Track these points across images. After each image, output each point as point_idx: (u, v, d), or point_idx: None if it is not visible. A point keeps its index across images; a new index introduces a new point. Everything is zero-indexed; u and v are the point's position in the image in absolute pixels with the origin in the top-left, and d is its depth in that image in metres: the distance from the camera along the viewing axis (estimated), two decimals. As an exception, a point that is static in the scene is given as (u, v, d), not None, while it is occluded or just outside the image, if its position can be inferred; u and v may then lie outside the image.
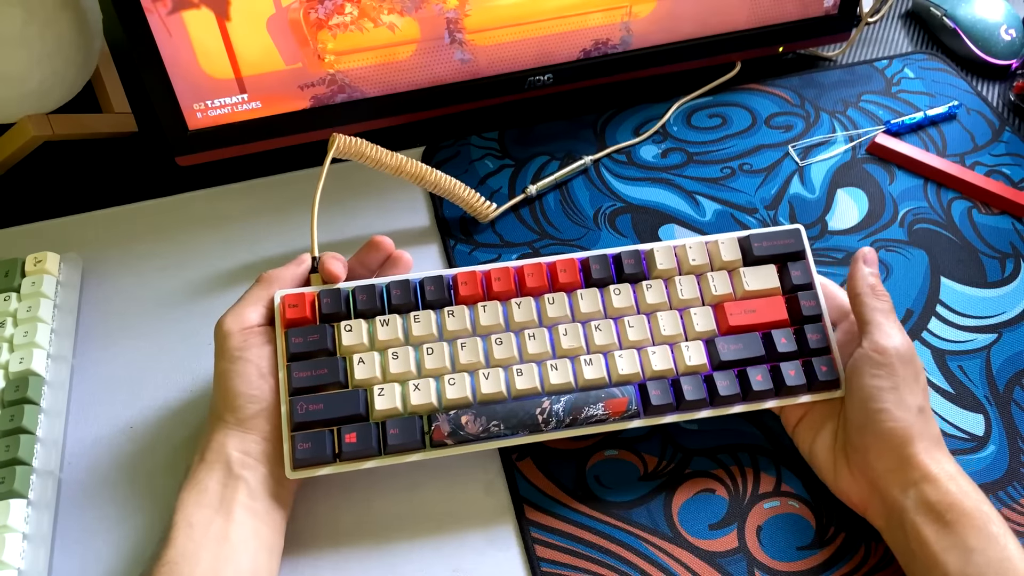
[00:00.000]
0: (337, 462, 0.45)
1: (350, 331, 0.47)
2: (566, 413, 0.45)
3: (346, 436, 0.44)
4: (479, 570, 0.46)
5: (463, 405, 0.46)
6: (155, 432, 0.51)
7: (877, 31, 0.74)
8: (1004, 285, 0.56)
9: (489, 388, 0.46)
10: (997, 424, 0.50)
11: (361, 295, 0.48)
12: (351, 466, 0.45)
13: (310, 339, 0.46)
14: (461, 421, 0.45)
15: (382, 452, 0.45)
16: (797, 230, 0.51)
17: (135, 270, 0.59)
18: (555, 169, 0.63)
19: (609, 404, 0.46)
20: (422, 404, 0.45)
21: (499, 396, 0.46)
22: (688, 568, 0.45)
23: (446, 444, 0.45)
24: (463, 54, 0.60)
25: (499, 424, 0.45)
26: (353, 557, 0.46)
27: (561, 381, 0.46)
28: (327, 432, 0.45)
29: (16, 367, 0.50)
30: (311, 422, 0.45)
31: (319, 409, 0.45)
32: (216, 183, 0.63)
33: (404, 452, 0.45)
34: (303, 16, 0.55)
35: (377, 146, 0.54)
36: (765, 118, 0.66)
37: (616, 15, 0.61)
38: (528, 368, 0.47)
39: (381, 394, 0.45)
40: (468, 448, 0.45)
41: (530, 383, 0.46)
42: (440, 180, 0.57)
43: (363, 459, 0.45)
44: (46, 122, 0.59)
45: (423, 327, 0.47)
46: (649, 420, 0.47)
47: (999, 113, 0.66)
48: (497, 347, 0.47)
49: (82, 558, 0.46)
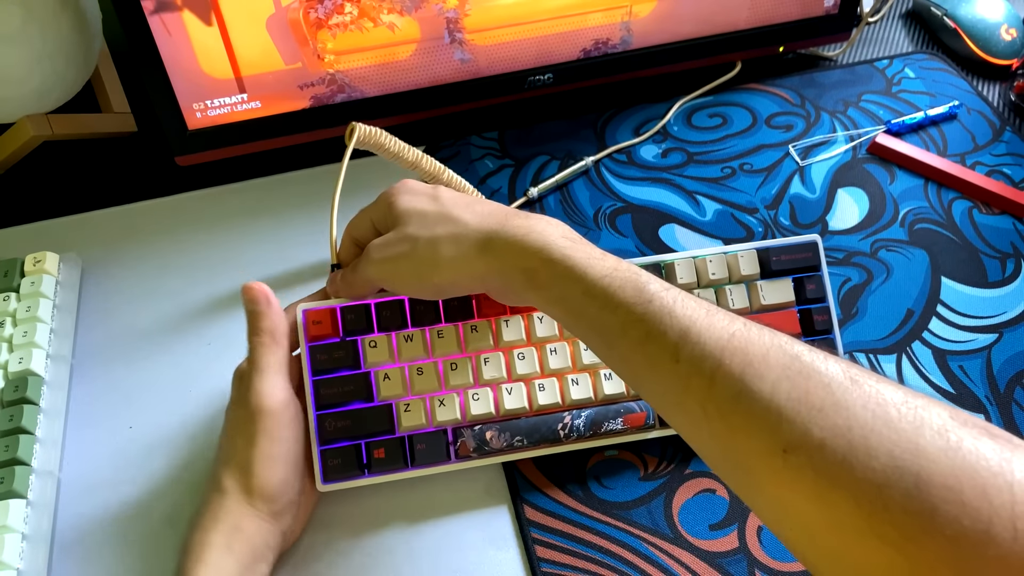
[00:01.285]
0: (367, 476, 0.46)
1: (375, 347, 0.47)
2: (587, 428, 0.46)
3: (375, 452, 0.46)
4: (479, 570, 0.45)
5: (487, 420, 0.47)
6: (154, 432, 0.51)
7: (877, 31, 0.74)
8: (1005, 285, 0.56)
9: (512, 404, 0.47)
10: (997, 424, 0.50)
11: (385, 311, 0.48)
12: (381, 479, 0.46)
13: (335, 355, 0.47)
14: (486, 436, 0.46)
15: (410, 466, 0.46)
16: (815, 243, 0.51)
17: (135, 270, 0.59)
18: (555, 169, 0.63)
19: (628, 419, 0.47)
20: (448, 419, 0.46)
21: (522, 411, 0.47)
22: (688, 568, 0.45)
23: (471, 457, 0.46)
24: (463, 54, 0.60)
25: (522, 439, 0.46)
26: (353, 557, 0.46)
27: (582, 396, 0.47)
28: (355, 447, 0.46)
29: (15, 367, 0.50)
30: (339, 438, 0.46)
31: (347, 426, 0.46)
32: (216, 183, 0.63)
33: (431, 465, 0.46)
34: (303, 16, 0.55)
35: (396, 139, 0.53)
36: (765, 118, 0.66)
37: (616, 15, 0.61)
38: (550, 383, 0.47)
39: (408, 410, 0.46)
40: (491, 460, 0.47)
41: (552, 398, 0.47)
42: (452, 180, 0.56)
43: (392, 472, 0.46)
44: (46, 122, 0.59)
45: (447, 342, 0.48)
46: (665, 430, 0.48)
47: (1000, 113, 0.66)
48: (520, 362, 0.48)
49: (82, 558, 0.46)
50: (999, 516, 0.27)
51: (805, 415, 0.30)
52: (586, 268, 0.38)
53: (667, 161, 0.64)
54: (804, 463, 0.30)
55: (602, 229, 0.60)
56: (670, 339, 0.35)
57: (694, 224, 0.60)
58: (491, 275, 0.41)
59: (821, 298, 0.50)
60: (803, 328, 0.50)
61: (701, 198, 0.61)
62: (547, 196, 0.62)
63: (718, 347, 0.33)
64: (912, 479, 0.28)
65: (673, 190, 0.62)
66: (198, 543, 0.40)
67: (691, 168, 0.63)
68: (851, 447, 0.29)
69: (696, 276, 0.50)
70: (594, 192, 0.62)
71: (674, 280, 0.49)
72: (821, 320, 0.49)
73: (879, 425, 0.29)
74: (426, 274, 0.43)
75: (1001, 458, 0.28)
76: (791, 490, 0.31)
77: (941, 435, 0.29)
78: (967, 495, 0.27)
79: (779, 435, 0.31)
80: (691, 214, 0.60)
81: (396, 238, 0.44)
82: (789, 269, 0.50)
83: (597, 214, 0.61)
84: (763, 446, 0.31)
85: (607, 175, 0.63)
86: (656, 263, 0.50)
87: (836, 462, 0.29)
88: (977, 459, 0.28)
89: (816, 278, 0.50)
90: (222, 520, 0.41)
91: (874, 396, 0.30)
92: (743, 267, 0.50)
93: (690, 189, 0.62)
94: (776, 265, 0.50)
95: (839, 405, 0.30)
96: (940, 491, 0.27)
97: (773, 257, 0.50)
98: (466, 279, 0.42)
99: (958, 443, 0.28)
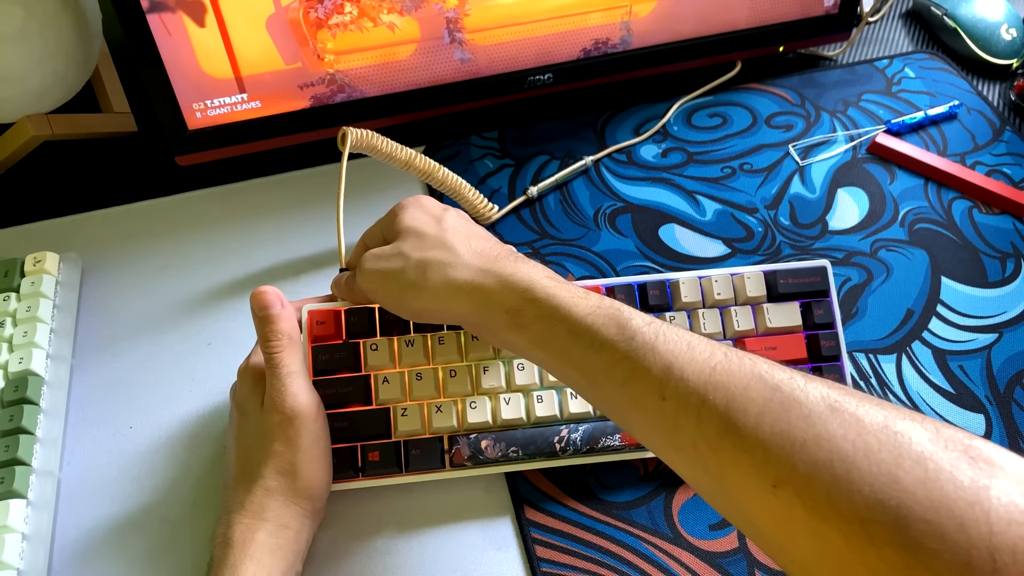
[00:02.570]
0: (360, 478, 0.46)
1: (376, 350, 0.47)
2: (584, 442, 0.46)
3: (370, 454, 0.46)
4: (479, 570, 0.45)
5: (483, 429, 0.47)
6: (155, 432, 0.51)
7: (877, 31, 0.74)
8: (1005, 285, 0.56)
9: (510, 414, 0.47)
10: (998, 424, 0.50)
11: (388, 314, 0.48)
12: (373, 482, 0.46)
13: (336, 356, 0.47)
14: (481, 445, 0.46)
15: (403, 470, 0.46)
16: (824, 268, 0.50)
17: (135, 270, 0.59)
18: (555, 169, 0.63)
19: (626, 435, 0.46)
20: (444, 427, 0.46)
21: (519, 422, 0.47)
22: (688, 568, 0.45)
23: (465, 466, 0.46)
24: (463, 54, 0.60)
25: (518, 450, 0.46)
26: (353, 557, 0.46)
27: (580, 410, 0.47)
28: (351, 449, 0.46)
29: (15, 367, 0.50)
30: (335, 439, 0.45)
31: (344, 427, 0.46)
32: (216, 183, 0.63)
33: (424, 471, 0.46)
34: (303, 15, 0.55)
35: (388, 139, 0.54)
36: (765, 118, 0.66)
37: (616, 14, 0.61)
38: (548, 395, 0.47)
39: (404, 415, 0.46)
40: (486, 470, 0.46)
41: (550, 410, 0.47)
42: (447, 178, 0.56)
43: (385, 476, 0.46)
44: (46, 122, 0.59)
45: (447, 349, 0.48)
46: None
47: (1000, 113, 0.66)
48: (519, 372, 0.48)
49: (82, 558, 0.46)
50: (977, 549, 0.27)
51: (789, 449, 0.31)
52: (571, 307, 0.38)
53: (667, 161, 0.64)
54: (793, 498, 0.30)
55: (602, 229, 0.60)
56: (654, 376, 0.34)
57: (694, 224, 0.60)
58: (472, 312, 0.41)
59: (829, 324, 0.49)
60: (810, 353, 0.49)
61: (701, 198, 0.61)
62: (547, 195, 0.62)
63: (701, 381, 0.33)
64: (893, 513, 0.28)
65: (673, 190, 0.62)
66: (245, 540, 0.40)
67: (691, 168, 0.63)
68: (835, 481, 0.29)
69: (702, 296, 0.49)
70: (594, 192, 0.62)
71: (679, 299, 0.49)
72: (829, 346, 0.48)
73: (859, 458, 0.29)
74: (408, 296, 0.42)
75: (978, 487, 0.28)
76: (784, 524, 0.31)
77: (919, 464, 0.29)
78: (946, 528, 0.27)
79: (767, 471, 0.31)
80: (691, 214, 0.60)
81: (391, 252, 0.44)
82: (797, 293, 0.50)
83: (597, 214, 0.61)
84: (753, 482, 0.31)
85: (607, 175, 0.63)
86: (662, 282, 0.49)
87: (822, 497, 0.29)
88: (955, 489, 0.28)
89: (825, 303, 0.49)
90: (270, 520, 0.41)
91: (854, 425, 0.30)
92: (749, 289, 0.49)
93: (690, 189, 0.62)
94: (784, 288, 0.49)
95: (820, 438, 0.30)
96: (920, 525, 0.27)
97: (780, 280, 0.49)
98: (445, 310, 0.42)
99: (936, 472, 0.28)
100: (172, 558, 0.46)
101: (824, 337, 0.49)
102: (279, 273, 0.58)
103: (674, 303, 0.50)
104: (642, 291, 0.50)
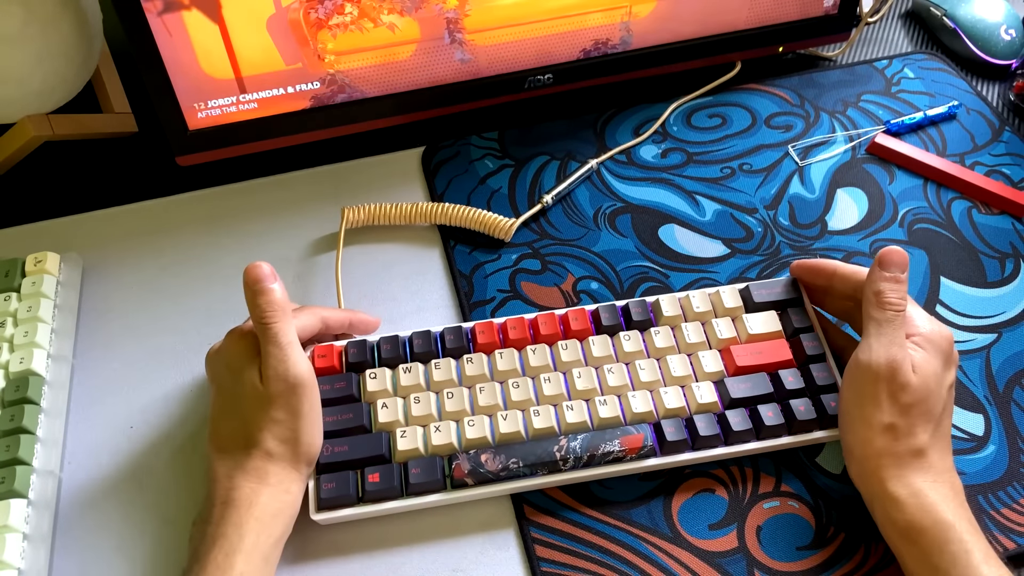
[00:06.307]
0: (361, 503, 0.46)
1: (375, 378, 0.49)
2: (583, 450, 0.46)
3: (370, 476, 0.46)
4: (479, 570, 0.46)
5: (482, 445, 0.47)
6: (155, 432, 0.51)
7: (877, 31, 0.74)
8: (1004, 285, 0.56)
9: (508, 428, 0.47)
10: (997, 424, 0.50)
11: (385, 344, 0.50)
12: (375, 508, 0.46)
13: (337, 386, 0.48)
14: (481, 459, 0.46)
15: (404, 492, 0.46)
16: (793, 280, 0.52)
17: (135, 270, 0.59)
18: (555, 169, 0.63)
19: (625, 440, 0.46)
20: (443, 444, 0.47)
21: (517, 436, 0.47)
22: (688, 568, 0.45)
23: (467, 483, 0.46)
24: (463, 54, 0.60)
25: (518, 461, 0.46)
26: (353, 557, 0.46)
27: (577, 420, 0.47)
28: (351, 473, 0.46)
29: (16, 367, 0.50)
30: (336, 463, 0.46)
31: (344, 451, 0.46)
32: (216, 183, 0.63)
33: (426, 492, 0.46)
34: (303, 16, 0.55)
35: (383, 205, 0.57)
36: (765, 118, 0.66)
37: (616, 15, 0.61)
38: (545, 409, 0.48)
39: (403, 435, 0.47)
40: (488, 490, 0.46)
41: (547, 423, 0.47)
42: (453, 212, 0.58)
43: (386, 499, 0.46)
44: (46, 122, 0.59)
45: (443, 373, 0.49)
46: (665, 459, 0.47)
47: (999, 113, 0.66)
48: (514, 390, 0.48)
49: (82, 558, 0.46)
50: None
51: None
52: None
53: (667, 161, 0.64)
54: None
55: (602, 229, 0.60)
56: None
57: (694, 224, 0.60)
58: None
59: (809, 327, 0.51)
60: (795, 354, 0.50)
61: (701, 198, 0.61)
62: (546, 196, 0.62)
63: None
64: None
65: (673, 190, 0.62)
66: (251, 501, 0.42)
67: (691, 168, 0.63)
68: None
69: (681, 311, 0.51)
70: (594, 192, 0.62)
71: (661, 316, 0.51)
72: (812, 346, 0.50)
73: None
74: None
75: None
76: None
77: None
78: None
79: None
80: (691, 214, 0.60)
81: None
82: (773, 302, 0.51)
83: (597, 214, 0.61)
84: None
85: (607, 175, 0.63)
86: (643, 302, 0.52)
87: None
88: None
89: (800, 310, 0.51)
90: (272, 484, 0.43)
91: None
92: (726, 302, 0.51)
93: (690, 189, 0.62)
94: (759, 298, 0.52)
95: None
96: None
97: (754, 292, 0.52)
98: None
99: None
100: (172, 558, 0.46)
101: (806, 339, 0.50)
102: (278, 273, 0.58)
103: (657, 320, 0.52)
104: (625, 311, 0.52)
